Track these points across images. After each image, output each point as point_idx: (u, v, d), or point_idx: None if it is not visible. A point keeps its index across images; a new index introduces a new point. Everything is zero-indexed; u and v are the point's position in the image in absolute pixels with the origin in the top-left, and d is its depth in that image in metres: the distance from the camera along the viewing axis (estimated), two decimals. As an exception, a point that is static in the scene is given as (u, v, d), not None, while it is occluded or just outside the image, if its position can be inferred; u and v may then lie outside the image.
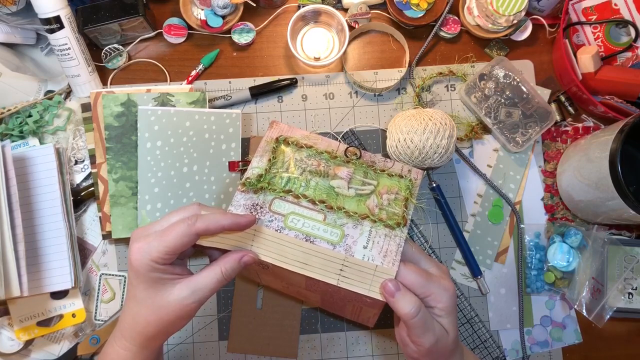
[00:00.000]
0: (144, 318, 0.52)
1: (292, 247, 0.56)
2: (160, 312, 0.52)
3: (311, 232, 0.58)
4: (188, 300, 0.51)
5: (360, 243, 0.58)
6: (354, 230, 0.58)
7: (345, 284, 0.55)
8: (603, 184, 0.67)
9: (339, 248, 0.57)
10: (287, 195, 0.60)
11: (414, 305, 0.52)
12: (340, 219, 0.59)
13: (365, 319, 0.67)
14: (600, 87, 0.76)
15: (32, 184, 0.72)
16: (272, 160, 0.62)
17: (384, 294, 0.54)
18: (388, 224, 0.59)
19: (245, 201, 0.59)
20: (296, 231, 0.57)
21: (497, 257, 0.78)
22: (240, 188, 0.60)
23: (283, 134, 0.65)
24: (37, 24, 0.74)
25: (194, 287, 0.52)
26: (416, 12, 0.79)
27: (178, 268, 0.53)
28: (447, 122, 0.71)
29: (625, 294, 0.75)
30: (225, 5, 0.77)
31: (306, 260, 0.56)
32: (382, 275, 0.55)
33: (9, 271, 0.64)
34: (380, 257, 0.56)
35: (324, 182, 0.62)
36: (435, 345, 0.53)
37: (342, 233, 0.58)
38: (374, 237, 0.58)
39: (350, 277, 0.55)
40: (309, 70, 0.81)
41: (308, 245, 0.57)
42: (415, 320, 0.52)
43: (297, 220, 0.58)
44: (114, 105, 0.74)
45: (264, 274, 0.64)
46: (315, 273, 0.55)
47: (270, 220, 0.58)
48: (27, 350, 0.74)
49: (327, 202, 0.60)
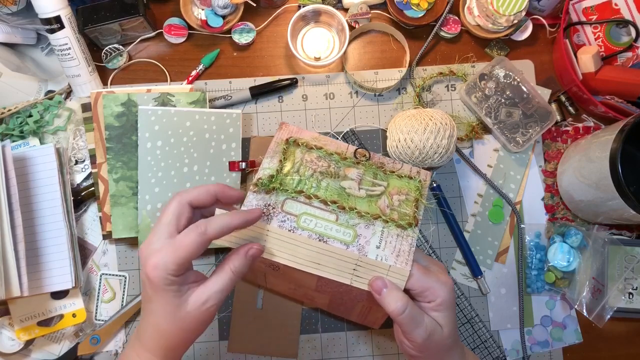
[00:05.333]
0: (166, 330, 0.53)
1: (306, 247, 0.56)
2: (181, 322, 0.52)
3: (324, 232, 0.58)
4: (206, 305, 0.52)
5: (373, 243, 0.58)
6: (366, 230, 0.59)
7: (359, 284, 0.55)
8: (603, 183, 0.67)
9: (352, 248, 0.57)
10: (299, 195, 0.60)
11: (401, 302, 0.53)
12: (352, 219, 0.59)
13: (373, 320, 0.67)
14: (601, 87, 0.76)
15: (32, 184, 0.72)
16: (283, 161, 0.62)
17: (372, 291, 0.54)
18: (400, 224, 0.59)
19: (257, 201, 0.59)
20: (309, 231, 0.57)
21: (497, 257, 0.78)
22: (252, 188, 0.60)
23: (293, 135, 0.65)
24: (38, 24, 0.74)
25: (209, 292, 0.52)
26: (416, 12, 0.79)
27: (192, 276, 0.53)
28: (448, 122, 0.71)
29: (626, 294, 0.75)
30: (225, 5, 0.77)
31: (319, 260, 0.56)
32: (396, 275, 0.55)
33: (9, 271, 0.64)
34: (394, 257, 0.57)
35: (334, 183, 0.62)
36: (428, 340, 0.54)
37: (355, 233, 0.58)
38: (386, 237, 0.58)
39: (364, 277, 0.55)
40: (309, 70, 0.81)
41: (321, 245, 0.57)
42: (404, 317, 0.53)
43: (309, 220, 0.58)
44: (114, 105, 0.74)
45: (272, 276, 0.64)
46: (329, 273, 0.55)
47: (282, 220, 0.58)
48: (27, 350, 0.74)
49: (338, 203, 0.60)
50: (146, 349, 0.54)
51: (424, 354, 0.55)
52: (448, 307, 0.55)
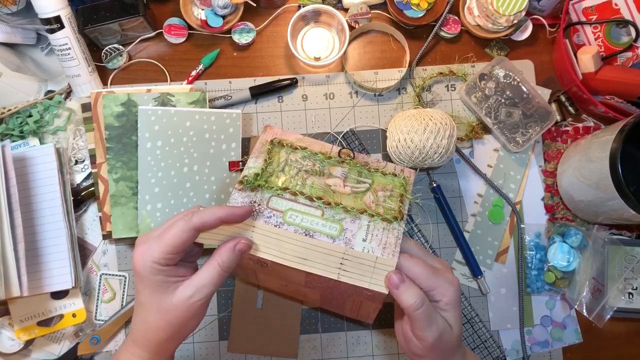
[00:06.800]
0: (154, 324, 0.52)
1: (292, 242, 0.56)
2: (168, 315, 0.52)
3: (310, 227, 0.58)
4: (193, 299, 0.51)
5: (359, 236, 0.58)
6: (352, 224, 0.59)
7: (346, 278, 0.55)
8: (603, 183, 0.67)
9: (338, 241, 0.57)
10: (285, 192, 0.60)
11: (418, 297, 0.52)
12: (338, 214, 0.59)
13: (365, 314, 0.67)
14: (601, 87, 0.76)
15: (32, 184, 0.72)
16: (268, 160, 0.63)
17: (389, 286, 0.54)
18: (385, 218, 0.60)
19: (243, 199, 0.59)
20: (295, 226, 0.58)
21: (497, 257, 0.78)
22: (238, 186, 0.60)
23: (277, 137, 0.66)
24: (38, 24, 0.74)
25: (195, 285, 0.52)
26: (416, 12, 0.79)
27: (182, 270, 0.53)
28: (448, 122, 0.71)
29: (626, 293, 0.75)
30: (225, 5, 0.77)
31: (306, 255, 0.56)
32: (383, 267, 0.55)
33: (9, 271, 0.64)
34: (380, 249, 0.57)
35: (319, 180, 0.63)
36: (439, 339, 0.53)
37: (341, 227, 0.58)
38: (372, 230, 0.59)
39: (351, 271, 0.55)
40: (309, 70, 0.81)
41: (308, 239, 0.57)
42: (419, 312, 0.52)
43: (295, 215, 0.59)
44: (114, 105, 0.74)
45: (262, 273, 0.64)
46: (315, 268, 0.55)
47: (268, 216, 0.58)
48: (27, 350, 0.74)
49: (324, 199, 0.60)
50: (136, 344, 0.54)
51: (432, 353, 0.54)
52: (455, 307, 0.55)
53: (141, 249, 0.51)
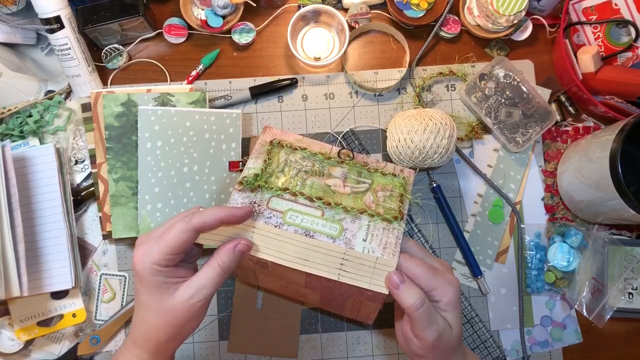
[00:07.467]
0: (153, 325, 0.52)
1: (292, 242, 0.56)
2: (168, 316, 0.52)
3: (310, 227, 0.58)
4: (193, 299, 0.51)
5: (359, 236, 0.58)
6: (352, 224, 0.59)
7: (346, 279, 0.55)
8: (603, 184, 0.67)
9: (338, 241, 0.57)
10: (284, 193, 0.60)
11: (419, 298, 0.52)
12: (338, 214, 0.59)
13: (365, 314, 0.67)
14: (601, 87, 0.76)
15: (32, 184, 0.72)
16: (267, 161, 0.63)
17: (389, 286, 0.54)
18: (385, 218, 0.60)
19: (243, 200, 0.59)
20: (295, 226, 0.58)
21: (497, 257, 0.78)
22: (237, 187, 0.60)
23: (276, 137, 0.66)
24: (38, 24, 0.74)
25: (195, 286, 0.52)
26: (416, 12, 0.79)
27: (182, 270, 0.53)
28: (448, 122, 0.71)
29: (626, 293, 0.75)
30: (225, 5, 0.77)
31: (306, 256, 0.56)
32: (383, 267, 0.55)
33: (9, 271, 0.64)
34: (380, 249, 0.57)
35: (319, 181, 0.63)
36: (439, 339, 0.53)
37: (341, 227, 0.58)
38: (372, 230, 0.59)
39: (351, 271, 0.55)
40: (309, 70, 0.81)
41: (308, 240, 0.57)
42: (420, 312, 0.52)
43: (295, 216, 0.59)
44: (114, 105, 0.74)
45: (262, 273, 0.64)
46: (316, 269, 0.55)
47: (268, 217, 0.58)
48: (27, 350, 0.74)
49: (324, 199, 0.60)
50: (136, 345, 0.54)
51: (432, 353, 0.54)
52: (455, 307, 0.55)
53: (141, 250, 0.51)
